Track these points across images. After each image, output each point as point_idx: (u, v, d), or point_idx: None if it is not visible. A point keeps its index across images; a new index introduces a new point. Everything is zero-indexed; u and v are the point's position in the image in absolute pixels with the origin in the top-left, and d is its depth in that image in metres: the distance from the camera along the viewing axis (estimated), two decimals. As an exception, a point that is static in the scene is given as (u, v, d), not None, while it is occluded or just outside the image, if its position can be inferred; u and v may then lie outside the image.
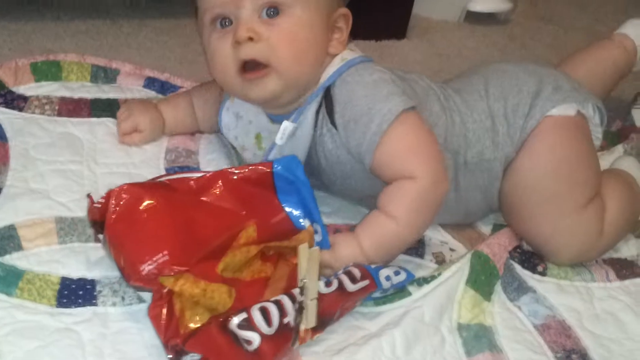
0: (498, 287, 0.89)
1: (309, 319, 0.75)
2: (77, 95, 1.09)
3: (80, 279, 0.80)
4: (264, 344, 0.71)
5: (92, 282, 0.80)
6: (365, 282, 0.80)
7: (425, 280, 0.85)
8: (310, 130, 0.89)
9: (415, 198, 0.85)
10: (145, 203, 0.79)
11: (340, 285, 0.79)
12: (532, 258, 0.94)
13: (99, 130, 1.04)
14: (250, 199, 0.85)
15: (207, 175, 0.85)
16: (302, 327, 0.75)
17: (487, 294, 0.87)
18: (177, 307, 0.74)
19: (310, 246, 0.79)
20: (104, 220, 0.78)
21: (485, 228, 1.01)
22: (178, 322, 0.73)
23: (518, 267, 0.93)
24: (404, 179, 0.85)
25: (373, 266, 0.83)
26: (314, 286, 0.75)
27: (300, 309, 0.75)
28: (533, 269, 0.93)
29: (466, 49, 1.50)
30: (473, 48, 1.51)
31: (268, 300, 0.75)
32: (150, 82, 1.15)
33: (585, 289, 0.92)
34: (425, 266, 0.92)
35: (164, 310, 0.73)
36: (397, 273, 0.84)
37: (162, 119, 1.04)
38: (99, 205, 0.79)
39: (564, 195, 0.92)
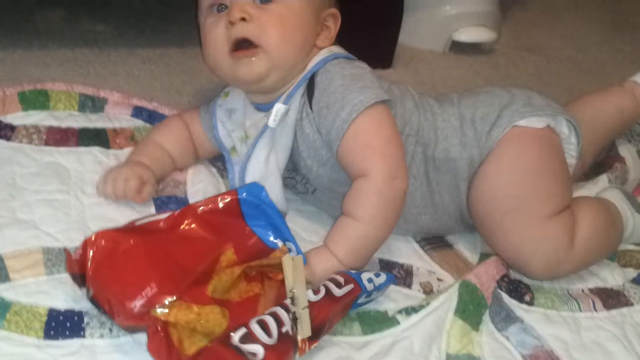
0: (486, 317, 0.89)
1: (304, 329, 0.76)
2: (64, 124, 1.09)
3: (67, 311, 0.80)
4: (268, 354, 0.72)
5: (80, 314, 0.79)
6: (350, 286, 0.82)
7: (413, 310, 0.86)
8: (297, 114, 0.93)
9: (374, 195, 0.88)
10: (123, 244, 0.79)
11: (328, 291, 0.81)
12: (519, 287, 0.95)
13: (86, 160, 1.03)
14: (222, 228, 0.86)
15: (175, 213, 0.85)
16: (299, 337, 0.76)
17: (475, 324, 0.87)
18: (175, 337, 0.74)
19: (290, 260, 0.81)
20: (84, 272, 0.78)
21: (472, 257, 1.01)
22: (179, 351, 0.73)
23: (505, 297, 0.93)
24: (361, 177, 0.89)
25: (353, 271, 0.85)
26: (303, 295, 0.77)
27: (294, 319, 0.76)
28: (520, 299, 0.93)
29: (451, 78, 1.51)
30: (458, 77, 1.52)
31: (264, 314, 0.76)
32: (138, 112, 1.15)
33: (572, 318, 0.92)
34: (413, 296, 0.92)
35: (163, 343, 0.73)
36: (377, 275, 0.86)
37: (150, 169, 0.99)
38: (78, 257, 0.78)
39: (529, 204, 0.93)
